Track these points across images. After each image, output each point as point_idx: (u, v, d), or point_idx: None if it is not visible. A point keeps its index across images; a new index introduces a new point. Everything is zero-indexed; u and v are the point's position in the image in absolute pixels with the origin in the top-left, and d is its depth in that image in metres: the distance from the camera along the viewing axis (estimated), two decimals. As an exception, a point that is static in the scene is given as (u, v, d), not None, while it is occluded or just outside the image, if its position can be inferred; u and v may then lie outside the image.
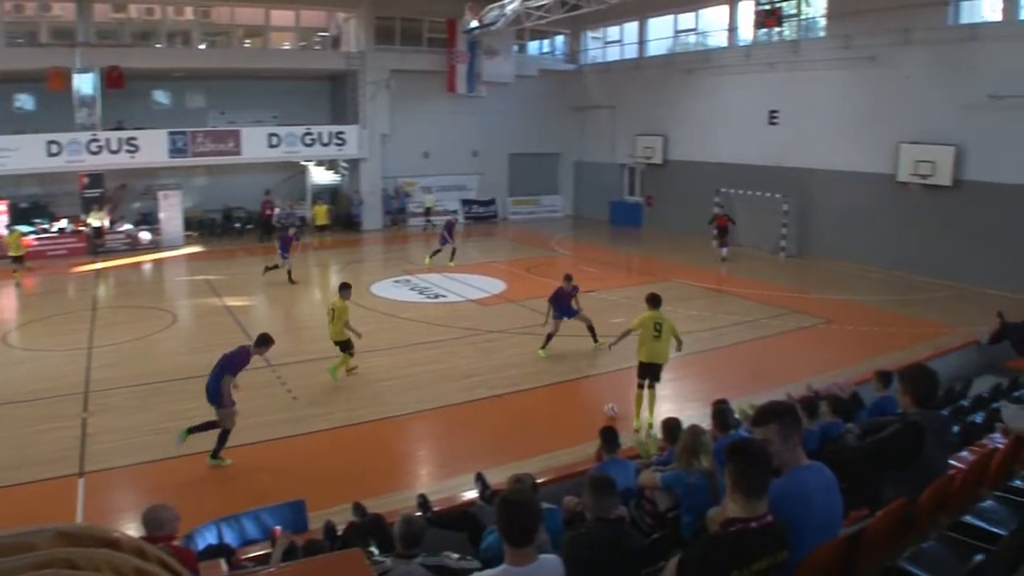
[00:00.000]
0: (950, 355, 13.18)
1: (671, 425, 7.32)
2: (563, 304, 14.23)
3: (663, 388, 11.33)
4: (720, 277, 22.00)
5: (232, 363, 9.76)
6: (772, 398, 6.15)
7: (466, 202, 33.69)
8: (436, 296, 18.90)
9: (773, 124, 25.81)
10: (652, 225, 31.19)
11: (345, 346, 12.76)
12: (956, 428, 6.71)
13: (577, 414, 11.27)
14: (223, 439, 9.54)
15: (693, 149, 29.32)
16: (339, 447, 10.12)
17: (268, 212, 28.59)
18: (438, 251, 22.83)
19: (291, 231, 21.86)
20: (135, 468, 9.44)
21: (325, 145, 29.37)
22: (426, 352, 14.03)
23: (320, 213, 28.36)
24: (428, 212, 32.48)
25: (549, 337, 13.97)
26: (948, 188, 20.56)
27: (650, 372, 10.79)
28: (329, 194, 32.94)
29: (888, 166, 22.05)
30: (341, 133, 29.61)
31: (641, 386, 10.80)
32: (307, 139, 28.93)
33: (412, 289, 19.73)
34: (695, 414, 10.32)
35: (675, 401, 11.69)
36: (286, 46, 30.80)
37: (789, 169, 25.09)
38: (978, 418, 7.65)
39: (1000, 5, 19.66)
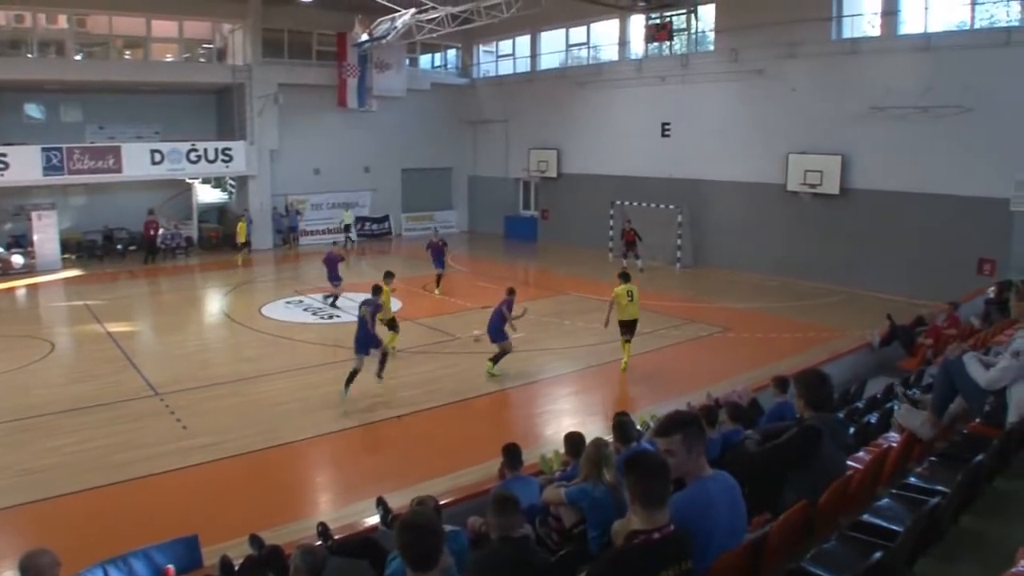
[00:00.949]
0: (844, 358, 13.75)
1: (574, 439, 7.33)
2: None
3: (563, 403, 12.33)
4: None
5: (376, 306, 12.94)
6: (673, 408, 6.25)
7: (359, 219, 33.23)
8: (330, 316, 18.51)
9: (666, 136, 26.57)
10: (548, 239, 31.57)
11: (392, 324, 14.99)
12: (852, 429, 6.94)
13: (480, 432, 11.21)
14: (382, 363, 12.81)
15: (587, 162, 29.86)
16: (233, 477, 9.71)
17: (152, 232, 27.31)
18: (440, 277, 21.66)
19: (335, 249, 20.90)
20: (6, 512, 8.79)
21: (211, 162, 28.36)
22: (322, 374, 13.68)
23: (242, 230, 27.57)
24: (348, 228, 32.04)
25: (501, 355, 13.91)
26: (836, 196, 21.60)
27: (628, 328, 14.23)
28: (216, 213, 31.87)
29: (778, 176, 23.02)
30: (228, 149, 28.70)
31: (625, 340, 14.21)
32: (192, 155, 27.84)
33: (305, 310, 19.26)
34: (597, 427, 10.42)
35: (576, 415, 11.80)
36: (169, 58, 29.69)
37: (682, 180, 25.88)
38: (873, 418, 7.91)
39: (879, 21, 20.90)
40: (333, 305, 19.48)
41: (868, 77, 20.73)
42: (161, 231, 27.83)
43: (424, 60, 35.81)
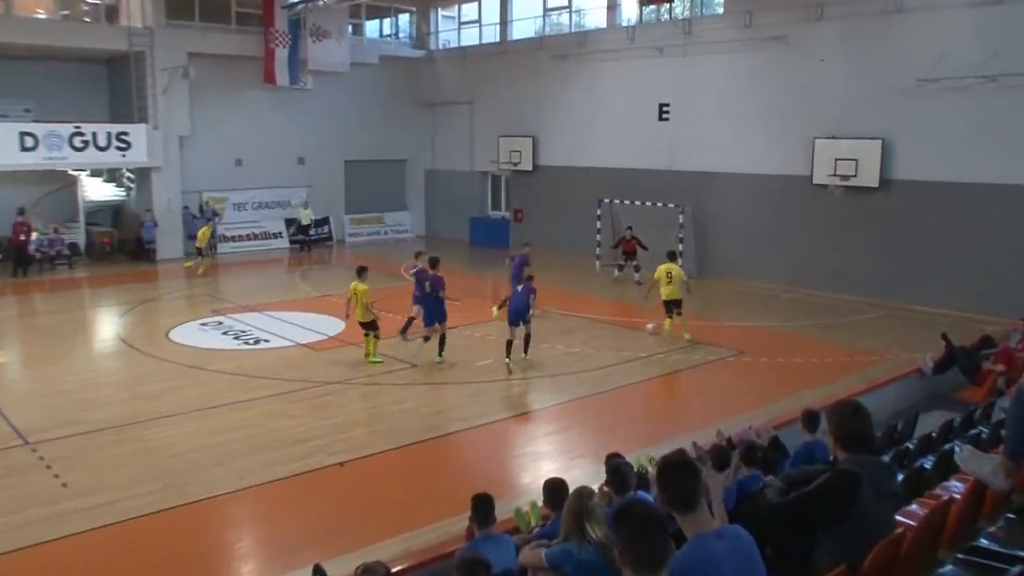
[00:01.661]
0: (888, 387, 13.83)
1: (555, 488, 7.24)
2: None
3: (543, 444, 12.42)
4: (607, 304, 22.47)
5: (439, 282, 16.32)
6: (675, 448, 6.18)
7: (292, 222, 33.09)
8: (256, 341, 18.31)
9: (664, 120, 26.78)
10: (521, 244, 31.48)
11: (372, 326, 16.34)
12: (901, 476, 6.87)
13: (442, 481, 11.06)
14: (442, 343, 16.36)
15: (569, 152, 30.03)
16: (126, 547, 9.46)
17: (23, 237, 26.70)
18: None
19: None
20: None
21: (103, 149, 27.90)
22: (243, 413, 13.46)
23: (204, 235, 27.41)
24: (306, 230, 32.09)
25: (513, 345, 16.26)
26: (874, 190, 21.84)
27: (672, 306, 18.19)
28: (110, 213, 31.50)
29: (802, 166, 23.25)
30: (124, 134, 28.28)
31: (669, 315, 18.21)
32: (77, 141, 27.26)
33: (225, 333, 19.03)
34: (583, 473, 10.37)
35: (558, 458, 11.72)
36: (40, 15, 29.01)
37: (684, 174, 26.08)
38: (927, 463, 7.85)
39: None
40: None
41: (916, 41, 20.88)
42: (35, 236, 27.27)
43: (371, 27, 35.88)
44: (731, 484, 7.22)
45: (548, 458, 11.73)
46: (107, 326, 20.67)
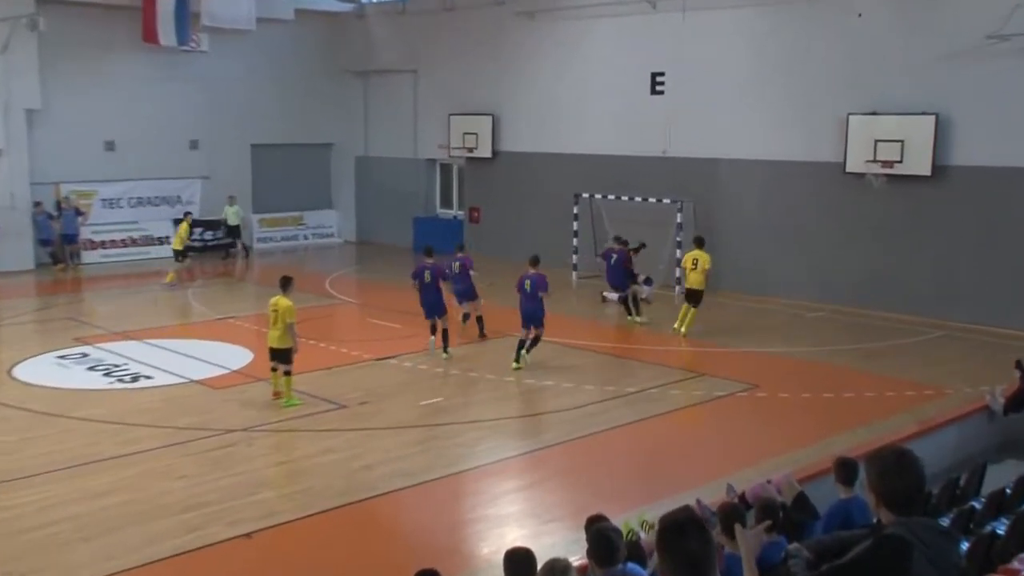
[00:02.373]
0: (946, 430, 13.86)
1: (518, 559, 7.20)
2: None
3: (507, 504, 12.45)
4: (588, 326, 22.61)
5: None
6: (674, 507, 6.17)
7: (192, 224, 32.88)
8: (135, 378, 18.07)
9: (657, 94, 26.93)
10: (478, 250, 31.53)
11: (286, 357, 16.02)
12: (965, 544, 6.86)
13: (377, 555, 10.98)
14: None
15: (538, 135, 30.12)
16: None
17: None
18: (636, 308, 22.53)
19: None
20: None
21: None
22: (118, 473, 13.24)
23: (182, 233, 27.72)
24: (236, 233, 32.26)
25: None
26: (925, 179, 22.08)
27: (690, 297, 21.07)
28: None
29: (833, 151, 23.48)
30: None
31: (687, 304, 21.12)
32: None
33: (93, 369, 18.76)
34: (558, 540, 10.40)
35: (526, 522, 11.69)
36: None
37: (683, 161, 26.24)
38: (1000, 527, 7.85)
39: None
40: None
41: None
42: None
43: (283, -27, 35.81)
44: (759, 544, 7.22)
45: (513, 522, 11.68)
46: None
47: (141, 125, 31.85)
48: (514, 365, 18.38)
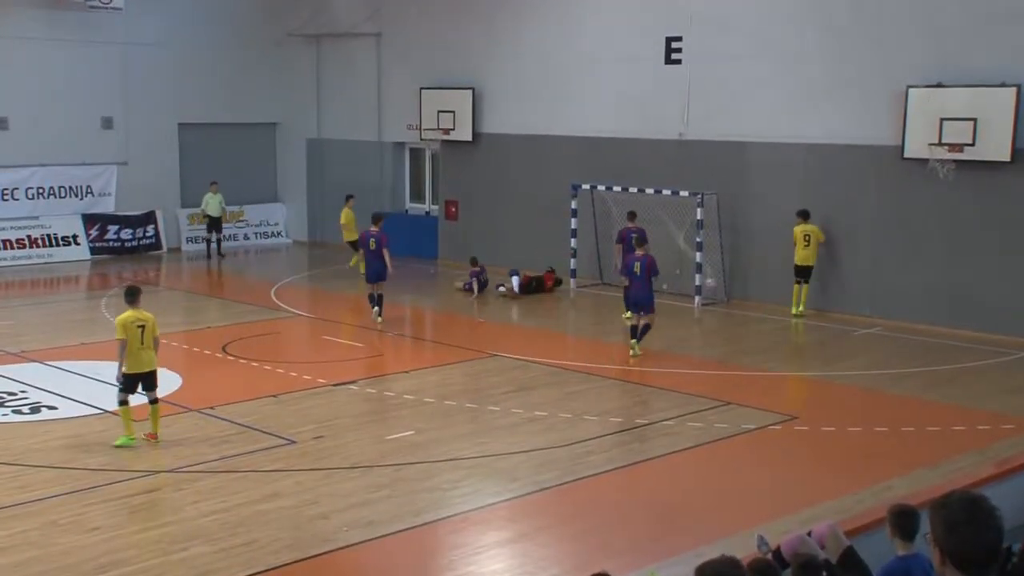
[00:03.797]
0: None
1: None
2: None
3: (489, 560, 12.38)
4: (588, 346, 22.71)
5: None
6: (694, 563, 6.26)
7: (96, 219, 32.92)
8: (34, 409, 18.01)
9: (674, 63, 26.99)
10: (456, 253, 31.68)
11: (150, 382, 16.17)
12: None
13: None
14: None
15: (528, 114, 30.21)
16: None
17: None
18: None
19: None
20: None
21: None
22: (12, 526, 13.11)
23: (349, 224, 28.77)
24: (217, 226, 32.68)
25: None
26: (1004, 166, 22.18)
27: (801, 273, 24.31)
28: None
29: (889, 131, 23.59)
30: None
31: (798, 282, 24.36)
32: None
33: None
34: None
35: (518, 581, 11.76)
36: None
37: (704, 145, 26.34)
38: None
39: None
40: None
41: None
42: None
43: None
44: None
45: (499, 582, 11.71)
46: None
47: (41, 99, 31.89)
48: (633, 352, 21.02)
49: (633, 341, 21.17)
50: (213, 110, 35.05)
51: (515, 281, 27.12)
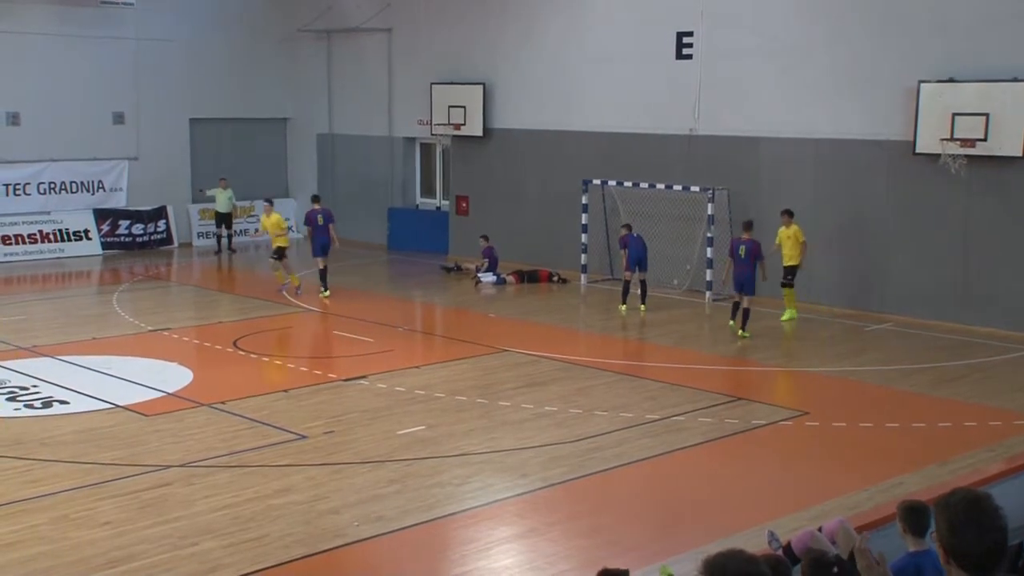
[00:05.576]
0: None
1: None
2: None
3: (499, 556, 12.34)
4: (599, 340, 22.72)
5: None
6: (700, 558, 6.24)
7: (107, 214, 32.98)
8: (47, 403, 18.02)
9: (685, 58, 26.95)
10: (468, 249, 31.62)
11: None
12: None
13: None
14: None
15: (539, 109, 30.18)
16: None
17: None
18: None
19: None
20: None
21: None
22: (24, 520, 13.10)
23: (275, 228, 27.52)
24: (227, 221, 32.62)
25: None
26: (1016, 161, 22.08)
27: (788, 274, 23.60)
28: None
29: (900, 127, 23.52)
30: None
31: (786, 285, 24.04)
32: None
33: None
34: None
35: (531, 574, 11.81)
36: None
37: (715, 140, 26.30)
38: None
39: None
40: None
41: None
42: None
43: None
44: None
45: (508, 577, 11.75)
46: None
47: (53, 94, 31.88)
48: (740, 333, 22.23)
49: (732, 323, 22.63)
50: (224, 105, 35.09)
51: (490, 277, 28.46)
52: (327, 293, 26.70)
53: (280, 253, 27.35)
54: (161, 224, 33.95)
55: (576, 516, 13.43)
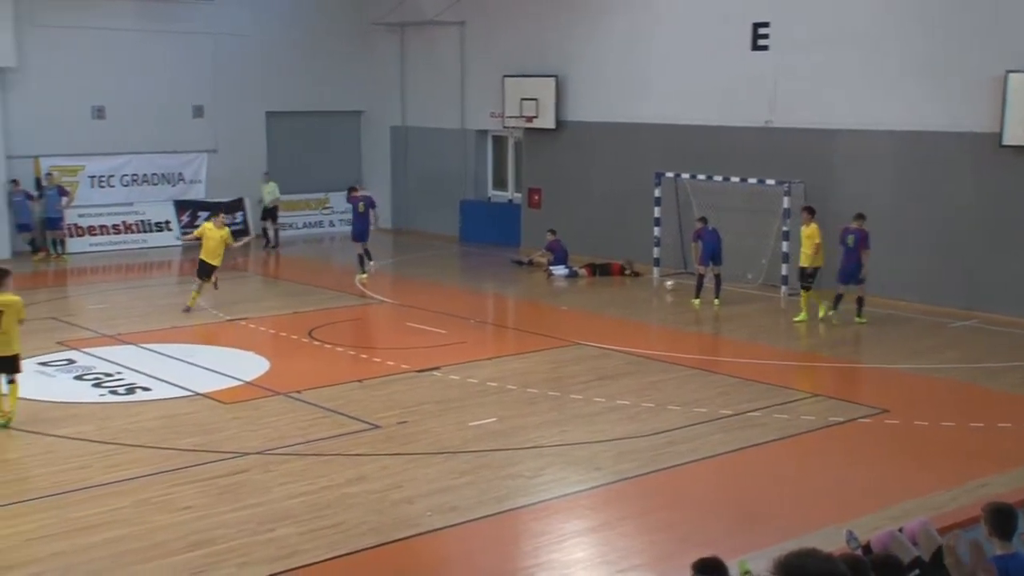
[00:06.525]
0: None
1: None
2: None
3: (572, 548, 12.29)
4: (671, 335, 22.62)
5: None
6: (776, 555, 6.17)
7: (187, 206, 33.30)
8: (130, 390, 18.26)
9: (760, 49, 26.75)
10: (539, 241, 31.59)
11: (15, 364, 16.25)
12: None
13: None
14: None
15: (612, 102, 30.09)
16: None
17: None
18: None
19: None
20: None
21: None
22: (108, 503, 13.30)
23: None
24: (272, 215, 32.84)
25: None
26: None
27: (807, 276, 23.41)
28: None
29: (985, 118, 23.17)
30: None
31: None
32: None
33: (80, 378, 18.96)
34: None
35: (597, 570, 11.67)
36: None
37: (791, 133, 26.04)
38: None
39: None
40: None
41: None
42: None
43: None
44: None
45: (581, 570, 11.65)
46: None
47: (136, 88, 32.29)
48: (857, 319, 22.89)
49: (830, 311, 22.92)
50: (299, 98, 35.32)
51: (562, 270, 28.54)
52: (365, 276, 27.87)
53: (210, 272, 24.24)
54: (239, 216, 34.21)
55: (649, 511, 13.37)
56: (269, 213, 33.64)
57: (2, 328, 15.92)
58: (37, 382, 18.62)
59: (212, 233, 24.10)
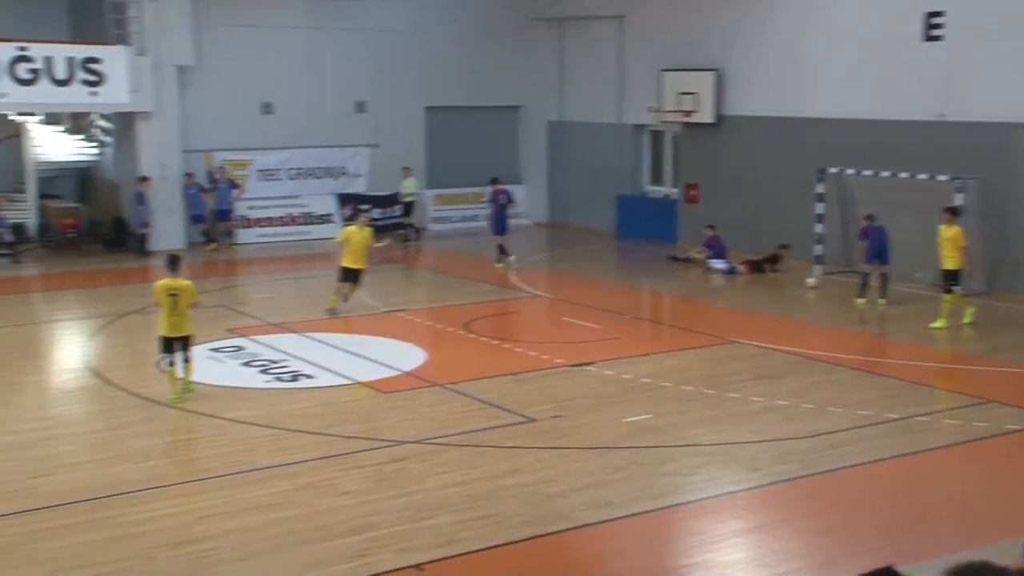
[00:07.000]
0: None
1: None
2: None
3: (727, 550, 12.23)
4: (834, 334, 22.26)
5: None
6: (943, 567, 6.06)
7: (348, 199, 33.76)
8: (294, 377, 18.66)
9: (933, 40, 26.09)
10: (696, 237, 31.37)
11: (185, 343, 17.12)
12: None
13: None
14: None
15: (773, 95, 29.74)
16: None
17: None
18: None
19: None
20: None
21: (62, 83, 28.90)
22: (274, 486, 13.66)
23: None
24: (407, 210, 33.38)
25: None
26: None
27: (948, 279, 22.22)
28: (75, 182, 32.56)
29: None
30: (94, 61, 29.17)
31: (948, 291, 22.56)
32: (23, 70, 28.25)
33: (248, 364, 19.45)
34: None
35: (752, 572, 11.65)
36: None
37: (966, 127, 25.31)
38: None
39: None
40: None
41: None
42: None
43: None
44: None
45: (737, 571, 11.59)
46: (71, 350, 21.38)
47: (302, 84, 32.95)
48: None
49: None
50: (458, 93, 35.61)
51: (721, 265, 28.50)
52: (500, 266, 28.93)
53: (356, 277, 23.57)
54: (398, 209, 34.44)
55: (808, 514, 13.19)
56: (408, 208, 33.94)
57: (178, 310, 16.89)
58: (208, 367, 19.16)
59: (356, 236, 23.37)
